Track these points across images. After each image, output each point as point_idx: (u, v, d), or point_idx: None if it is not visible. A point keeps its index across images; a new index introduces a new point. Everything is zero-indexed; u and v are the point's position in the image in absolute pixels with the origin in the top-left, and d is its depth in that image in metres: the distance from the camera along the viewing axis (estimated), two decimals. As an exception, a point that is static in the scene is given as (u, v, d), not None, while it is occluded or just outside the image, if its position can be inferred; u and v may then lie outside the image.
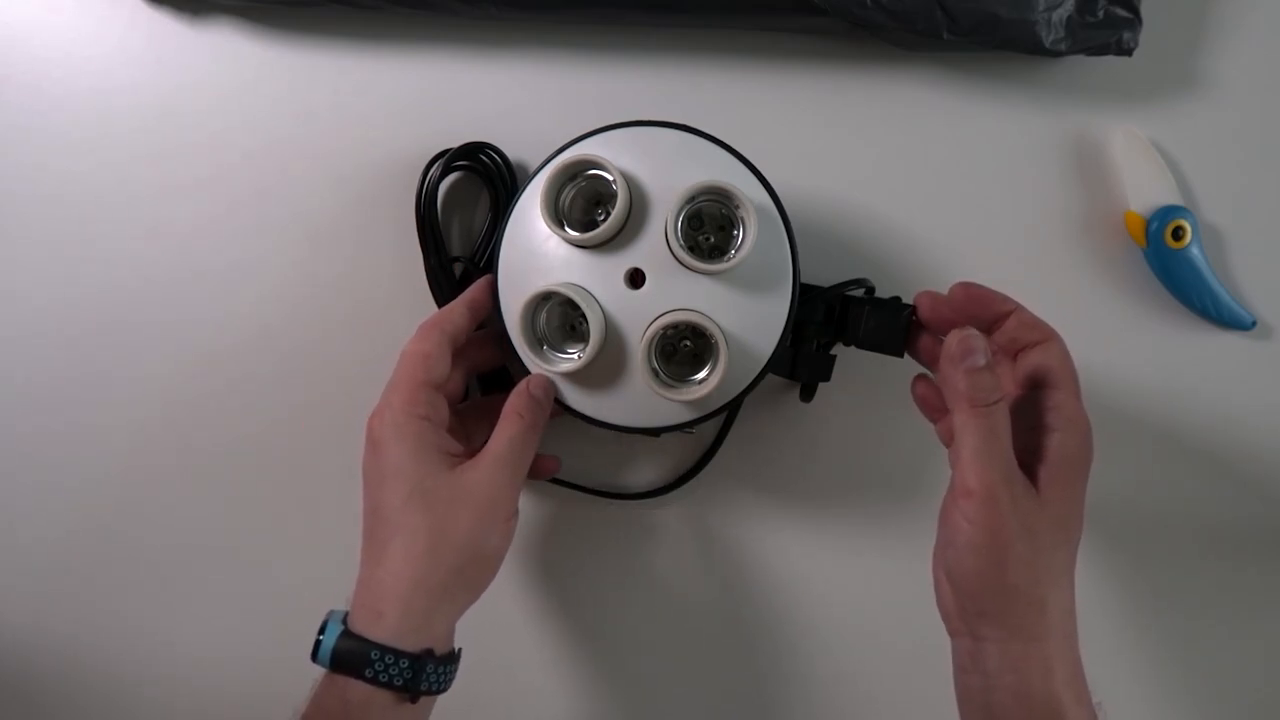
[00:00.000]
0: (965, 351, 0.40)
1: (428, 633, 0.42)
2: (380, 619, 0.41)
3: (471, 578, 0.44)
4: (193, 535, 0.57)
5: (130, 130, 0.56)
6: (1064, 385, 0.41)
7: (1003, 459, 0.39)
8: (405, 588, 0.42)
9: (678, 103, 0.53)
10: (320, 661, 0.41)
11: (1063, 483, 0.40)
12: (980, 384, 0.39)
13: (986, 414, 0.39)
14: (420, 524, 0.42)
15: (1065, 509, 0.40)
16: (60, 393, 0.57)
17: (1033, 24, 0.49)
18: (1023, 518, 0.38)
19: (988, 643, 0.39)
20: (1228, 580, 0.54)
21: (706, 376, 0.44)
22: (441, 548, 0.42)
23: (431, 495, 0.43)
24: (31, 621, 0.58)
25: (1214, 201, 0.52)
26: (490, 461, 0.44)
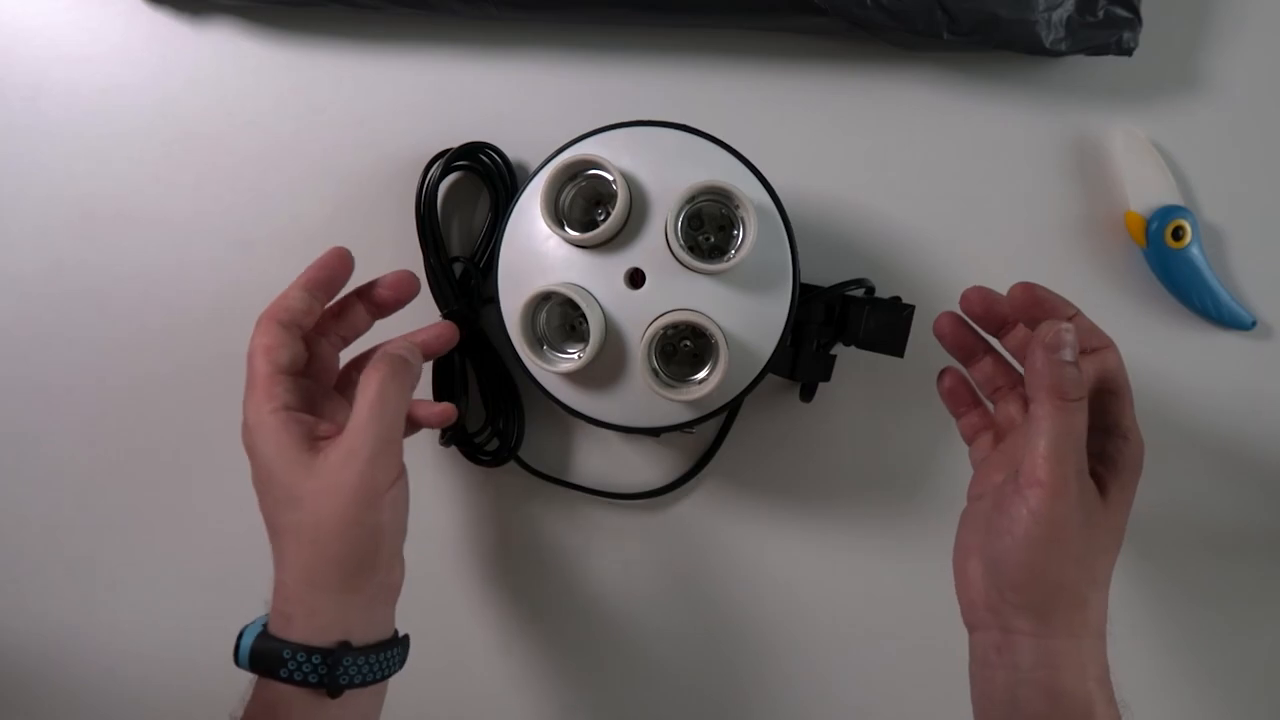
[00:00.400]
0: (1059, 344, 0.39)
1: (341, 625, 0.42)
2: (290, 621, 0.41)
3: (367, 558, 0.42)
4: (191, 534, 0.57)
5: (130, 130, 0.56)
6: (1125, 394, 0.42)
7: (1077, 456, 0.39)
8: (302, 588, 0.42)
9: (678, 103, 0.53)
10: (240, 664, 0.42)
11: (1122, 488, 0.40)
12: (1069, 378, 0.39)
13: (1069, 409, 0.38)
14: (296, 521, 0.42)
15: (1122, 515, 0.41)
16: (56, 389, 0.57)
17: (1033, 24, 0.49)
18: (1086, 516, 0.39)
19: (1022, 636, 0.39)
20: (1228, 580, 0.54)
21: (706, 376, 0.44)
22: (322, 539, 0.41)
23: (300, 489, 0.42)
24: (29, 622, 0.58)
25: (1214, 201, 0.52)
26: (351, 435, 0.42)
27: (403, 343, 0.47)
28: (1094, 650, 0.40)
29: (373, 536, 0.42)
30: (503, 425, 0.53)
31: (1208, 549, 0.53)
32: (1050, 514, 0.38)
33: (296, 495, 0.42)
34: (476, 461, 0.53)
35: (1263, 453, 0.53)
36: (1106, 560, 0.41)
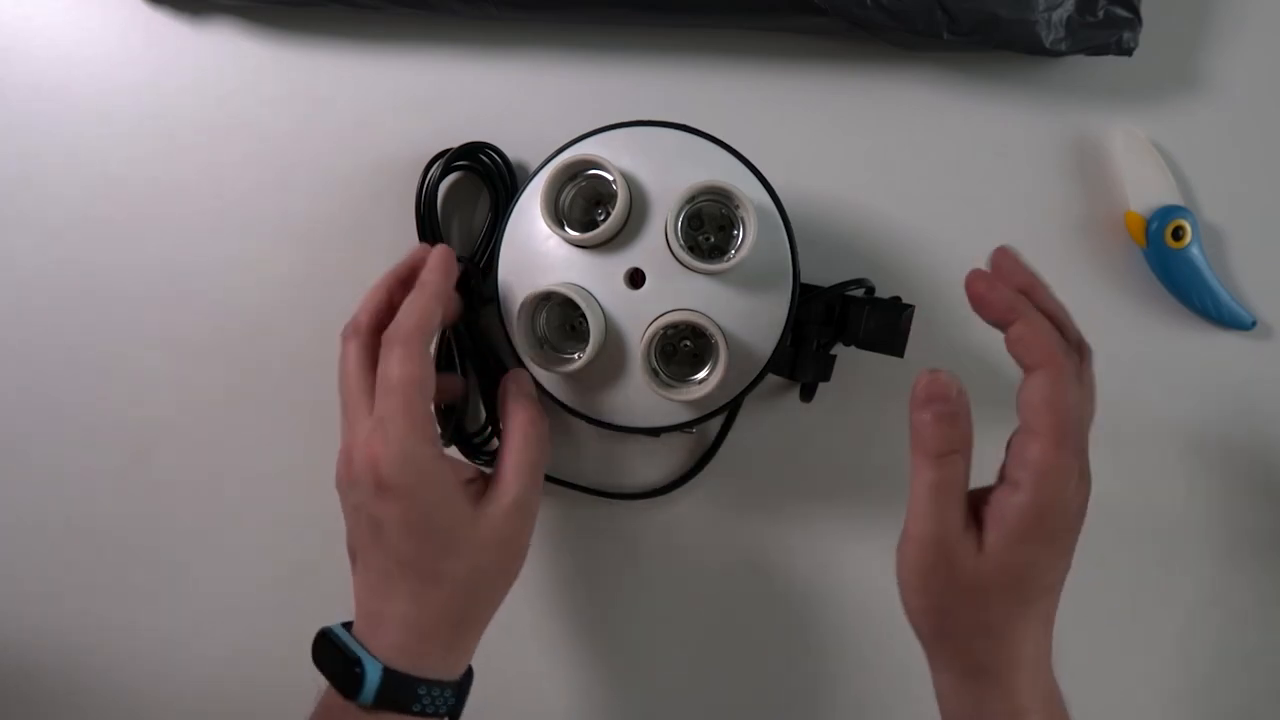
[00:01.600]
0: (928, 398, 0.37)
1: (466, 658, 0.43)
2: (423, 658, 0.41)
3: (500, 599, 0.44)
4: (188, 534, 0.57)
5: (130, 129, 0.56)
6: (1037, 430, 0.37)
7: (945, 514, 0.37)
8: (448, 630, 0.42)
9: (678, 103, 0.53)
10: (361, 701, 0.40)
11: (1010, 542, 0.37)
12: (936, 435, 0.37)
13: (938, 465, 0.37)
14: (453, 570, 0.41)
15: (1015, 569, 0.37)
16: (59, 391, 0.57)
17: (1033, 24, 0.49)
18: (960, 575, 0.37)
19: (943, 675, 0.40)
20: (1228, 580, 0.54)
21: (706, 376, 0.44)
22: (480, 589, 0.43)
23: (461, 538, 0.41)
24: (31, 623, 0.58)
25: (1214, 201, 0.52)
26: (512, 487, 0.43)
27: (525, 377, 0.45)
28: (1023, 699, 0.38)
29: (514, 577, 0.44)
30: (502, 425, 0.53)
31: (1208, 549, 0.53)
32: (920, 570, 0.38)
33: (456, 544, 0.41)
34: (476, 461, 0.53)
35: (1263, 453, 0.53)
36: (1016, 613, 0.38)
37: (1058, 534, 0.38)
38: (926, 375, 0.38)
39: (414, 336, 0.41)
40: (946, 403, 0.37)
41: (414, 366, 0.40)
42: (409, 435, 0.40)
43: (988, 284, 0.39)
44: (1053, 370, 0.37)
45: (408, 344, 0.40)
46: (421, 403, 0.40)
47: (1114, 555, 0.54)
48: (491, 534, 0.42)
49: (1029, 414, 0.37)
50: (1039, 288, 0.41)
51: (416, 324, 0.41)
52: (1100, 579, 0.54)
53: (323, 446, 0.55)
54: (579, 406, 0.47)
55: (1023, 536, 0.37)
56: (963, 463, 0.37)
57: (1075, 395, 0.37)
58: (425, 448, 0.40)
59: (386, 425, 0.40)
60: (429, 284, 0.43)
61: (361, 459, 0.40)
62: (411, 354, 0.40)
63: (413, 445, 0.40)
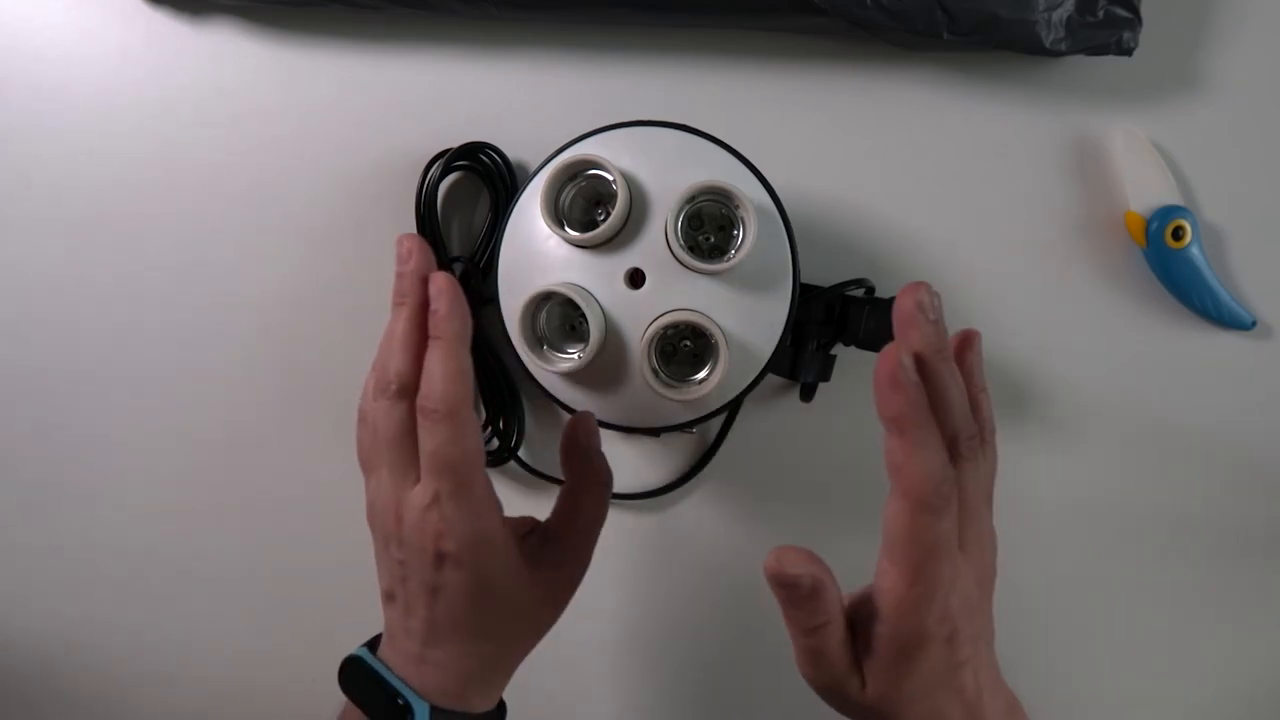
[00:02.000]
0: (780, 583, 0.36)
1: (501, 691, 0.44)
2: (465, 700, 0.41)
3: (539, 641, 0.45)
4: (187, 533, 0.57)
5: (130, 130, 0.56)
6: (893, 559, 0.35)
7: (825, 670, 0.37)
8: (493, 676, 0.42)
9: (678, 103, 0.53)
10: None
11: (883, 672, 0.37)
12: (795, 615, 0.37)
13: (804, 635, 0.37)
14: (517, 632, 0.42)
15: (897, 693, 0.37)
16: (59, 390, 0.57)
17: (1033, 24, 0.49)
18: (856, 706, 0.38)
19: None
20: (1228, 580, 0.54)
21: (706, 376, 0.44)
22: (527, 639, 0.44)
23: (522, 606, 0.42)
24: (32, 624, 0.58)
25: (1214, 201, 0.52)
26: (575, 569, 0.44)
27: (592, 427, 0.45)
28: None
29: None
30: (503, 425, 0.53)
31: (1208, 549, 0.53)
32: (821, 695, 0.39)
33: (513, 607, 0.41)
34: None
35: (1263, 453, 0.53)
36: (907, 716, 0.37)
37: (929, 657, 0.37)
38: (773, 564, 0.36)
39: (460, 408, 0.37)
40: (799, 589, 0.36)
41: (470, 442, 0.38)
42: (475, 514, 0.39)
43: (891, 378, 0.34)
44: (910, 507, 0.34)
45: (455, 419, 0.37)
46: (481, 476, 0.39)
47: (1114, 554, 0.54)
48: (546, 595, 0.43)
49: (887, 539, 0.36)
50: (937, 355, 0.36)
51: (460, 393, 0.37)
52: (1100, 578, 0.54)
53: (323, 446, 0.55)
54: (579, 406, 0.47)
55: (892, 664, 0.36)
56: (830, 629, 0.37)
57: (940, 528, 0.34)
58: (492, 523, 0.39)
59: (444, 504, 0.38)
60: (452, 337, 0.38)
61: (416, 527, 0.39)
62: (464, 429, 0.38)
63: (480, 523, 0.39)
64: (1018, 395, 0.53)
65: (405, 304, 0.39)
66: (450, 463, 0.38)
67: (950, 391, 0.36)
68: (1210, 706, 0.54)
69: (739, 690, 0.56)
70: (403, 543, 0.39)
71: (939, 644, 0.36)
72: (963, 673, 0.37)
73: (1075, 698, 0.54)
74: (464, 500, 0.38)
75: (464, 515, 0.38)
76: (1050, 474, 0.53)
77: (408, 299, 0.39)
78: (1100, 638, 0.54)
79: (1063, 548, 0.54)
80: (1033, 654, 0.53)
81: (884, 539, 0.36)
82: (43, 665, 0.58)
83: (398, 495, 0.39)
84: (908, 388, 0.34)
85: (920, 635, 0.36)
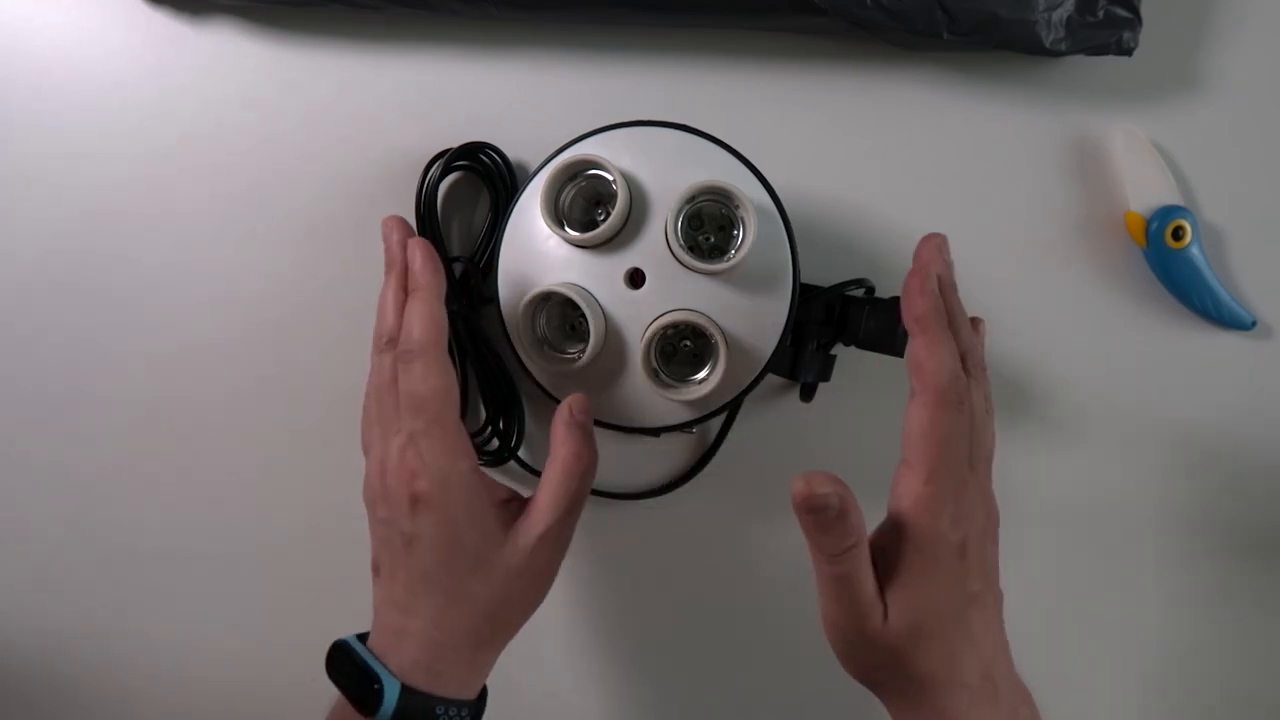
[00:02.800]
0: (809, 507, 0.36)
1: (482, 678, 0.43)
2: (440, 677, 0.41)
3: (521, 624, 0.44)
4: (187, 534, 0.57)
5: (130, 129, 0.56)
6: (909, 460, 0.38)
7: (851, 600, 0.38)
8: (467, 651, 0.42)
9: (678, 103, 0.53)
10: (379, 719, 0.40)
11: (904, 593, 0.38)
12: (826, 541, 0.37)
13: (834, 562, 0.37)
14: (478, 594, 0.41)
15: (917, 619, 0.38)
16: (59, 389, 0.57)
17: (1033, 24, 0.49)
18: (878, 644, 0.38)
19: (892, 712, 0.41)
20: (1228, 580, 0.54)
21: (706, 376, 0.44)
22: (503, 614, 0.43)
23: (490, 561, 0.41)
24: (31, 623, 0.58)
25: (1214, 201, 0.52)
26: (545, 517, 0.42)
27: (584, 405, 0.44)
28: None
29: (534, 612, 0.44)
30: (503, 425, 0.53)
31: (1208, 549, 0.53)
32: (840, 643, 0.40)
33: (484, 565, 0.41)
34: (479, 462, 0.53)
35: (1263, 453, 0.53)
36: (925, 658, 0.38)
37: (945, 566, 0.38)
38: (801, 486, 0.36)
39: (430, 348, 0.41)
40: (827, 510, 0.36)
41: (437, 379, 0.40)
42: (444, 451, 0.40)
43: (918, 287, 0.40)
44: (931, 399, 0.38)
45: (425, 356, 0.40)
46: (452, 415, 0.41)
47: (1114, 554, 0.54)
48: (519, 562, 0.42)
49: (905, 446, 0.38)
50: (950, 290, 0.42)
51: (430, 334, 0.41)
52: (1100, 578, 0.54)
53: (322, 446, 0.55)
54: (579, 406, 0.47)
55: (910, 581, 0.38)
56: (858, 551, 0.37)
57: (954, 426, 0.38)
58: (462, 463, 0.41)
59: (420, 441, 0.40)
60: (425, 288, 0.42)
61: (396, 474, 0.40)
62: (432, 367, 0.40)
63: (449, 460, 0.40)
64: (1018, 395, 0.53)
65: (392, 270, 0.44)
66: (421, 398, 0.40)
67: (959, 315, 0.41)
68: (1210, 706, 0.54)
69: (739, 690, 0.56)
70: (385, 495, 0.41)
71: (952, 553, 0.37)
72: (973, 612, 0.38)
73: (1074, 697, 0.54)
74: (435, 438, 0.40)
75: (435, 452, 0.40)
76: (1050, 474, 0.53)
77: (394, 266, 0.44)
78: (1099, 637, 0.54)
79: (1062, 547, 0.54)
80: (1031, 653, 0.53)
81: (903, 445, 0.39)
82: (42, 665, 0.58)
83: (384, 449, 0.41)
84: (932, 294, 0.40)
85: (934, 536, 0.37)
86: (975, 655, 0.38)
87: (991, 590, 0.40)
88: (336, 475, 0.51)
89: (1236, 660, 0.54)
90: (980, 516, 0.39)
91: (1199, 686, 0.54)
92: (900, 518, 0.38)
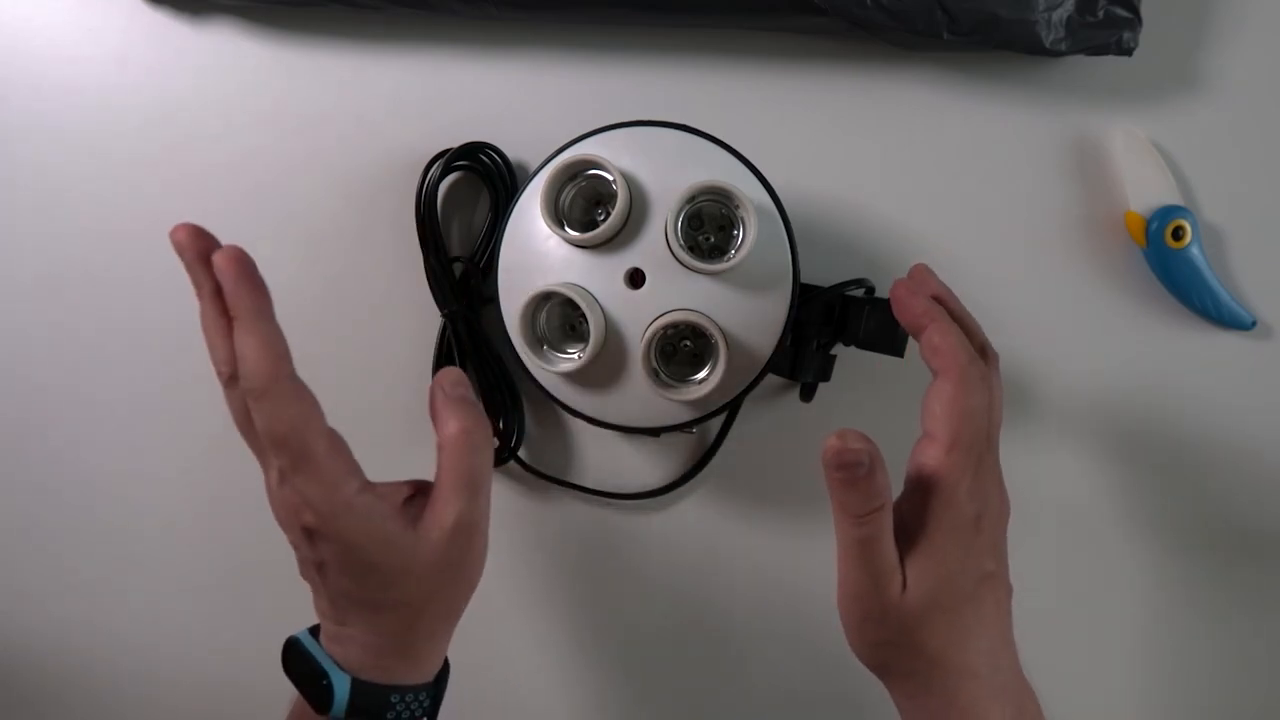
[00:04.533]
0: (840, 465, 0.36)
1: (435, 663, 0.43)
2: (388, 672, 0.41)
3: (460, 609, 0.43)
4: (187, 534, 0.57)
5: (130, 130, 0.56)
6: (931, 433, 0.38)
7: (874, 566, 0.38)
8: (407, 646, 0.41)
9: (678, 103, 0.53)
10: (333, 715, 0.39)
11: (922, 563, 0.38)
12: (854, 499, 0.37)
13: (860, 523, 0.37)
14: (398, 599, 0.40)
15: (934, 592, 0.38)
16: (58, 389, 0.57)
17: (1033, 24, 0.49)
18: (893, 616, 0.38)
19: (899, 699, 0.41)
20: (1227, 580, 0.54)
21: (706, 376, 0.44)
22: (431, 611, 0.41)
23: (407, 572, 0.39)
24: (21, 622, 0.58)
25: (1214, 201, 0.52)
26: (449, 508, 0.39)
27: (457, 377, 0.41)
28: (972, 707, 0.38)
29: (474, 590, 0.43)
30: (503, 425, 0.53)
31: (1208, 549, 0.53)
32: (856, 614, 0.39)
33: (396, 575, 0.39)
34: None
35: (1263, 453, 0.53)
36: (937, 636, 0.38)
37: (962, 537, 0.38)
38: (835, 442, 0.36)
39: (272, 381, 0.36)
40: (859, 467, 0.36)
41: (291, 410, 0.36)
42: (319, 483, 0.37)
43: (909, 290, 0.41)
44: (955, 376, 0.38)
45: (270, 391, 0.36)
46: (319, 443, 0.37)
47: (1113, 554, 0.54)
48: (433, 557, 0.39)
49: (927, 420, 0.39)
50: (951, 298, 0.43)
51: (267, 365, 0.36)
52: (1099, 578, 0.54)
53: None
54: (579, 406, 0.47)
55: (928, 549, 0.38)
56: (884, 514, 0.37)
57: (976, 401, 0.38)
58: (343, 489, 0.37)
59: (292, 479, 0.37)
60: (247, 311, 0.37)
61: (283, 510, 0.39)
62: (281, 400, 0.36)
63: (327, 491, 0.37)
64: (1017, 395, 0.53)
65: (202, 292, 0.38)
66: (279, 436, 0.36)
67: (967, 317, 0.42)
68: (1209, 707, 0.54)
69: (739, 689, 0.56)
70: (283, 525, 0.40)
71: (969, 525, 0.38)
72: (986, 592, 0.39)
73: (1073, 696, 0.54)
74: (306, 472, 0.37)
75: (312, 486, 0.37)
76: (1050, 473, 0.53)
77: (202, 286, 0.38)
78: (1098, 637, 0.54)
79: (1062, 547, 0.54)
80: (1030, 653, 0.53)
81: (924, 420, 0.39)
82: (41, 665, 0.58)
83: (267, 481, 0.39)
84: (922, 295, 0.41)
85: (953, 503, 0.37)
86: (985, 639, 0.39)
87: (1003, 575, 0.40)
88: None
89: (1235, 660, 0.54)
90: (995, 497, 0.39)
91: (1198, 686, 0.54)
92: (921, 483, 0.38)
